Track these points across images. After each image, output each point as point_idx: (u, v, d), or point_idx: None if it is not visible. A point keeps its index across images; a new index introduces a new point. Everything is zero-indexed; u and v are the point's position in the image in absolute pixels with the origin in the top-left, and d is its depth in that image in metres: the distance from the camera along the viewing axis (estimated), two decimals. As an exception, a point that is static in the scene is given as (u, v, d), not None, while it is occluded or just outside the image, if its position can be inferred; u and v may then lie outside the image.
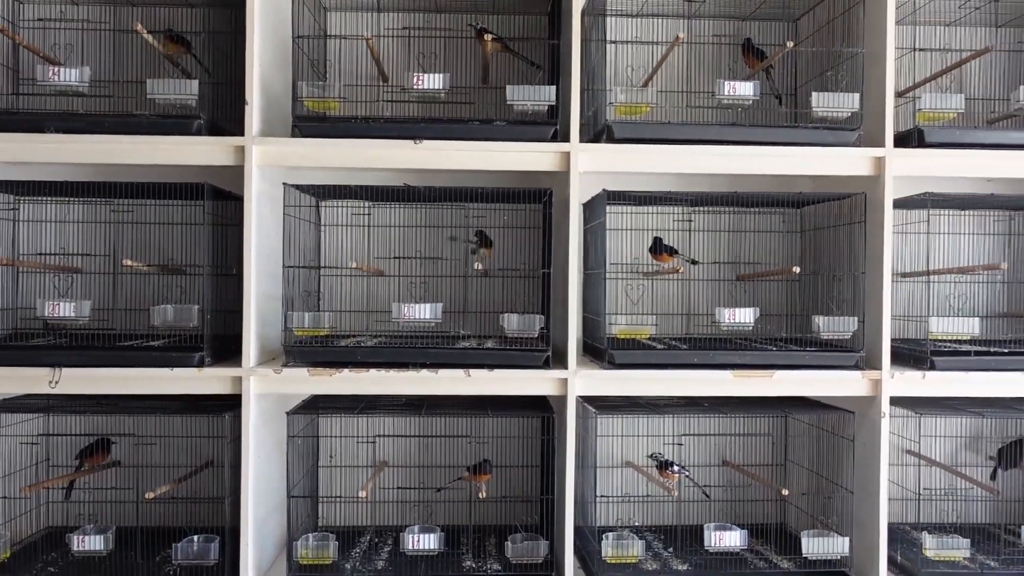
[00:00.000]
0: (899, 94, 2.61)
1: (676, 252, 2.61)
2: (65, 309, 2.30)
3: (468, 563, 2.42)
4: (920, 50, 2.65)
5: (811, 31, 2.74)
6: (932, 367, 2.35)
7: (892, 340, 2.39)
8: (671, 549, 2.55)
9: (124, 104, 2.58)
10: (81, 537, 2.30)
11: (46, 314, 2.30)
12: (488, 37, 2.44)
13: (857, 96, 2.36)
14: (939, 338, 2.44)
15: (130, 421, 2.60)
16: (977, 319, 2.45)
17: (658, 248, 2.60)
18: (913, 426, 2.60)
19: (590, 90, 2.49)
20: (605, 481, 2.74)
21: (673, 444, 2.72)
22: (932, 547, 2.42)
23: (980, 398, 2.47)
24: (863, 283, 2.39)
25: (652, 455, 2.62)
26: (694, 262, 2.69)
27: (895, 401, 2.41)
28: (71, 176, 2.42)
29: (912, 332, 2.61)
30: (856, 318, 2.38)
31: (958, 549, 2.42)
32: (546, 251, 2.49)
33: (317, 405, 2.50)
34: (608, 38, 2.45)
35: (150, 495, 2.27)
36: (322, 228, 2.73)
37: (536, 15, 2.79)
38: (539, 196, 2.47)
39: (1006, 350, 2.45)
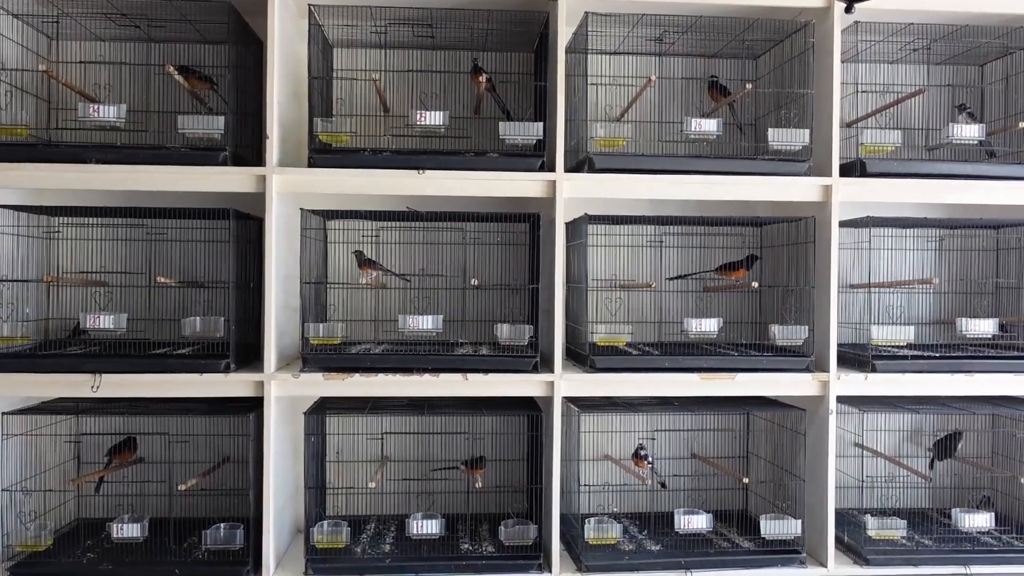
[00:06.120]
0: (847, 125, 2.94)
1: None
2: (105, 321, 2.56)
3: (465, 546, 2.70)
4: (863, 91, 2.98)
5: (770, 68, 3.06)
6: (873, 369, 2.68)
7: (838, 346, 2.72)
8: (645, 532, 2.85)
9: (156, 137, 2.84)
10: (119, 525, 2.57)
11: (87, 325, 2.56)
12: (482, 78, 2.73)
13: (807, 132, 2.68)
14: (880, 344, 2.76)
15: (159, 421, 2.85)
16: (912, 327, 2.78)
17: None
18: (858, 422, 2.93)
19: (572, 121, 2.79)
20: (587, 473, 3.03)
21: (646, 439, 3.02)
22: (874, 528, 2.75)
23: (917, 396, 2.82)
24: (812, 296, 2.72)
25: (638, 448, 2.91)
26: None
27: (841, 400, 2.74)
28: (109, 201, 2.69)
29: (857, 338, 2.94)
30: (807, 327, 2.70)
31: (896, 529, 2.76)
32: (534, 267, 2.78)
33: (326, 407, 2.76)
34: (588, 77, 2.74)
35: (182, 487, 2.55)
36: (331, 245, 3.00)
37: (524, 52, 3.09)
38: (528, 219, 2.76)
39: (938, 354, 2.79)
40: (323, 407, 2.75)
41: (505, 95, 3.00)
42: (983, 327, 2.79)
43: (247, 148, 2.69)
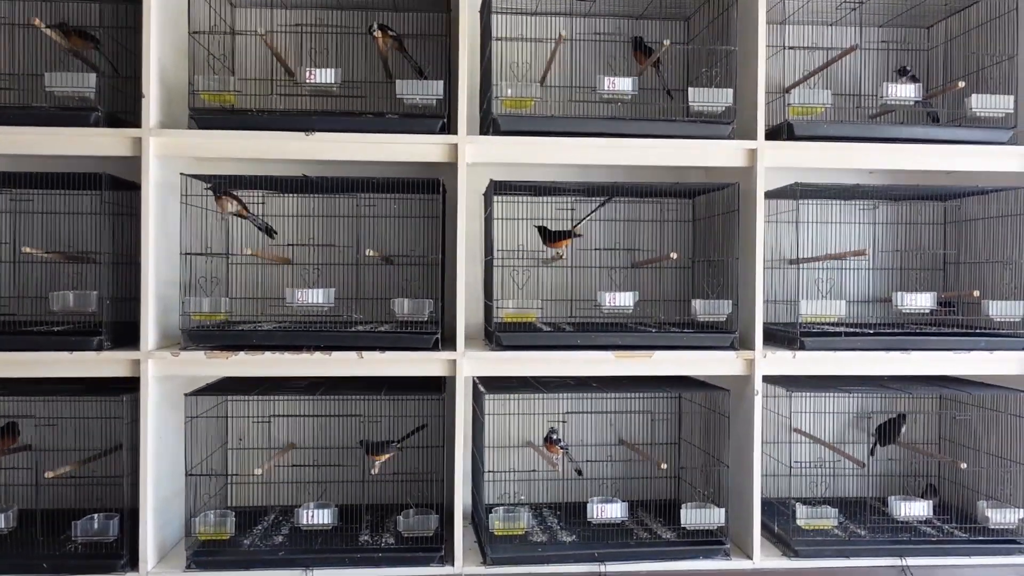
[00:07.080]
0: (786, 91, 2.74)
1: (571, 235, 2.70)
2: (-36, 295, 2.36)
3: (365, 538, 2.51)
4: (791, 48, 2.79)
5: (701, 28, 2.87)
6: (802, 347, 2.50)
7: (767, 323, 2.54)
8: (560, 522, 2.67)
9: (26, 96, 2.64)
10: (-19, 516, 2.38)
11: (-55, 300, 2.37)
12: (378, 34, 2.53)
13: (730, 91, 2.49)
14: (809, 319, 2.57)
15: (34, 404, 2.66)
16: (843, 302, 2.58)
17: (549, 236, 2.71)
18: (791, 405, 2.74)
19: (486, 83, 2.60)
20: (506, 459, 2.85)
21: (559, 422, 2.83)
22: (803, 516, 2.56)
23: (856, 376, 2.63)
24: (737, 269, 2.53)
25: (549, 432, 2.72)
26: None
27: (770, 379, 2.55)
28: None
29: (789, 316, 2.74)
30: (730, 301, 2.52)
31: (827, 518, 2.57)
32: (444, 239, 2.59)
33: (222, 388, 2.57)
34: (495, 35, 2.55)
35: (50, 474, 2.35)
36: (227, 217, 2.81)
37: (440, 12, 2.88)
38: (433, 186, 2.58)
39: (871, 331, 2.60)
40: (217, 388, 2.56)
41: (423, 56, 2.80)
42: (920, 301, 2.60)
43: (135, 114, 2.49)
